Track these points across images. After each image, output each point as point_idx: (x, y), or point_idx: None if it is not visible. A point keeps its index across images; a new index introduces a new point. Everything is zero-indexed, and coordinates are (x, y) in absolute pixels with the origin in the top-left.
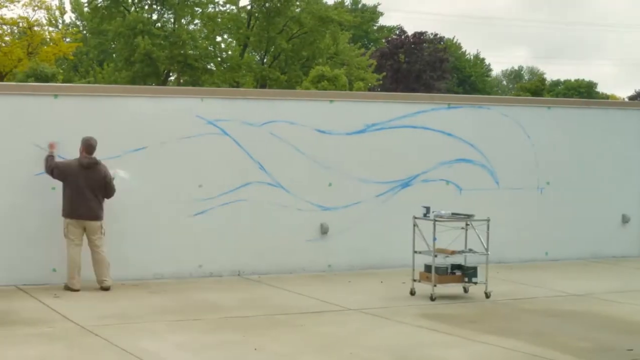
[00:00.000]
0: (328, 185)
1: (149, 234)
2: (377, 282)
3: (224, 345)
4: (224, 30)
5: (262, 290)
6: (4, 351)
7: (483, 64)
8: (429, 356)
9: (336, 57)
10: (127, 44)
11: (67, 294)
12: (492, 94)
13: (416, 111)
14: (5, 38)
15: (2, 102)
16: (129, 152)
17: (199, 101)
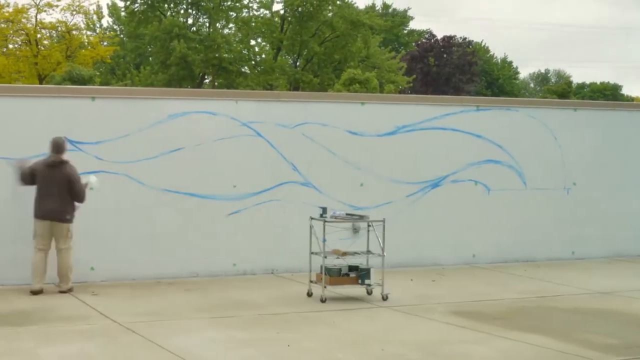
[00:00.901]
0: (360, 186)
1: (184, 234)
2: (408, 280)
3: (257, 341)
4: (258, 34)
5: (294, 287)
6: (43, 348)
7: (511, 67)
8: (458, 352)
9: (367, 61)
10: (163, 47)
11: (104, 292)
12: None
13: (445, 113)
14: (45, 42)
15: (41, 104)
16: (166, 154)
17: (234, 103)
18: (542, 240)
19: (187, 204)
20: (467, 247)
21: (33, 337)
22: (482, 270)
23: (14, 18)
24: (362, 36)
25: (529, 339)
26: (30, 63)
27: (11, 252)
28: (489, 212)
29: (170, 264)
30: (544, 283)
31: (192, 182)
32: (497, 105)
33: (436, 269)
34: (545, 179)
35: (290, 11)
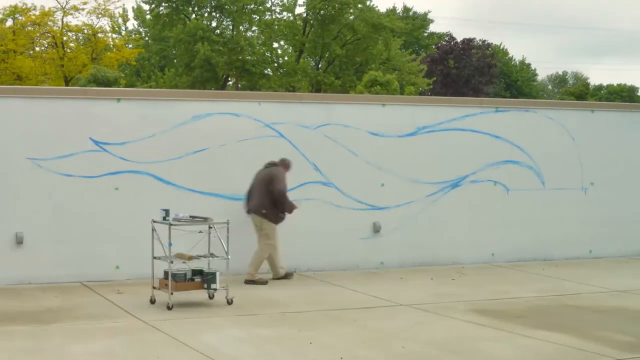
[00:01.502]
0: (381, 186)
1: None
2: (428, 279)
3: (281, 339)
4: (281, 37)
5: (317, 286)
6: (71, 345)
7: (529, 69)
8: (477, 350)
9: (388, 63)
10: (187, 50)
11: (129, 290)
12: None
13: (465, 114)
14: (71, 44)
15: (67, 106)
16: (190, 154)
17: (257, 105)
18: (560, 240)
19: (210, 204)
20: (486, 246)
21: (61, 334)
22: (501, 269)
23: (41, 21)
24: (383, 39)
25: (547, 337)
26: (56, 65)
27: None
28: (508, 212)
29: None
30: (562, 282)
31: (216, 182)
32: (515, 106)
33: (456, 268)
34: (563, 179)
35: (312, 14)
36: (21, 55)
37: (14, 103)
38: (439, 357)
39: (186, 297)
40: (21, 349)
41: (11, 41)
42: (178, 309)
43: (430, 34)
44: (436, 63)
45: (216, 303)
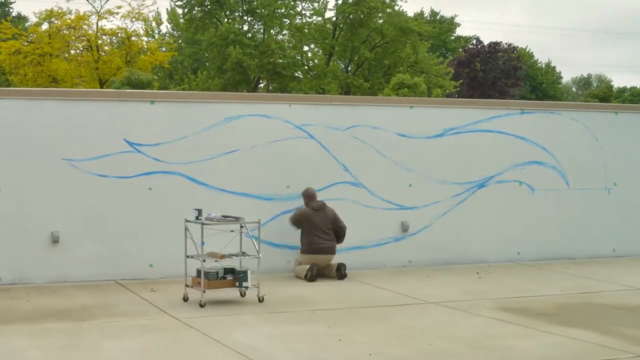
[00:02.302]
0: (408, 186)
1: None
2: (454, 277)
3: (310, 336)
4: (311, 40)
5: (346, 284)
6: (105, 342)
7: (554, 72)
8: (503, 346)
9: (416, 66)
10: (219, 53)
11: (163, 289)
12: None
13: (491, 116)
14: (105, 48)
15: (102, 108)
16: (222, 155)
17: (287, 107)
18: (584, 238)
19: (242, 204)
20: (511, 245)
21: (94, 331)
22: (526, 268)
23: (76, 25)
24: (411, 42)
25: (572, 334)
26: (91, 68)
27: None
28: (533, 211)
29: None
30: (586, 280)
31: (247, 182)
32: (540, 108)
33: (482, 266)
34: (587, 180)
35: (341, 18)
36: (57, 58)
37: (50, 105)
38: (465, 354)
39: (218, 295)
40: (56, 345)
41: (47, 44)
42: (210, 306)
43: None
44: (463, 66)
45: (247, 301)
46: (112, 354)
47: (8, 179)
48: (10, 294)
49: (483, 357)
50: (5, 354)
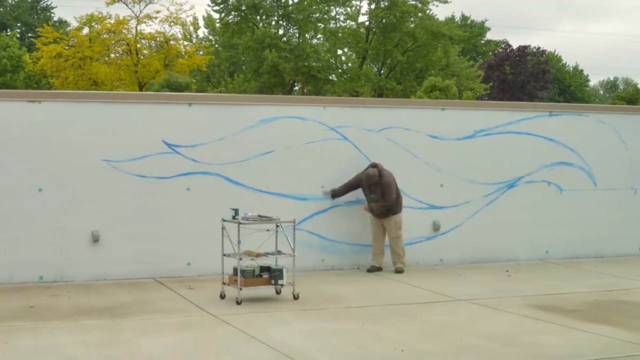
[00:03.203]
0: (440, 186)
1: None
2: (485, 275)
3: (344, 332)
4: (345, 44)
5: (379, 282)
6: (142, 338)
7: (582, 75)
8: (532, 342)
9: (447, 69)
10: (255, 56)
11: (200, 286)
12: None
13: (520, 118)
14: (144, 51)
15: (141, 110)
16: (258, 156)
17: (322, 109)
18: (611, 237)
19: (277, 204)
20: (540, 243)
21: (133, 328)
22: (554, 266)
23: (116, 29)
24: (442, 46)
25: (599, 330)
26: (130, 71)
27: (116, 249)
28: (562, 211)
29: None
30: (613, 278)
31: (282, 183)
32: (568, 110)
33: (511, 265)
34: (614, 180)
35: (374, 23)
36: (97, 61)
37: (90, 107)
38: (496, 350)
39: (254, 292)
40: (96, 341)
41: (88, 48)
42: (247, 303)
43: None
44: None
45: (283, 298)
46: (149, 349)
47: (50, 180)
48: (51, 292)
49: (512, 353)
50: (48, 350)
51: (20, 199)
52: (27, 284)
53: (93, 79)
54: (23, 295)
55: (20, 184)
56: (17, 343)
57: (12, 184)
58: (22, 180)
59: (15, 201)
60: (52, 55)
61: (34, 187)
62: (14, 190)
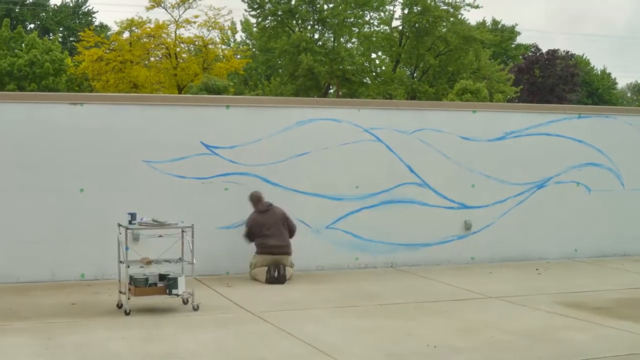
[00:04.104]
0: (471, 186)
1: (311, 230)
2: (515, 273)
3: (378, 329)
4: (378, 48)
5: (412, 280)
6: (181, 334)
7: (609, 78)
8: (561, 339)
9: (478, 72)
10: (291, 60)
11: (238, 284)
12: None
13: (550, 120)
14: (183, 55)
15: (180, 112)
16: (295, 157)
17: (356, 111)
18: (637, 236)
19: (312, 204)
20: (569, 242)
21: (172, 325)
22: (583, 264)
23: (156, 33)
24: (474, 50)
25: (627, 327)
26: (170, 74)
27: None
28: (590, 211)
29: (299, 258)
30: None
31: (318, 183)
32: (597, 113)
33: (541, 263)
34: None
35: (408, 27)
36: (137, 65)
37: (131, 109)
38: (525, 346)
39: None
40: (136, 337)
41: (128, 52)
42: (282, 301)
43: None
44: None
45: (319, 296)
46: (189, 345)
47: (91, 180)
48: (93, 289)
49: (542, 349)
50: (90, 345)
51: (62, 199)
52: (69, 282)
53: (133, 82)
54: (65, 293)
55: (62, 185)
56: (59, 339)
57: (55, 184)
58: (64, 181)
59: (58, 201)
60: (93, 59)
61: (75, 187)
62: (56, 191)
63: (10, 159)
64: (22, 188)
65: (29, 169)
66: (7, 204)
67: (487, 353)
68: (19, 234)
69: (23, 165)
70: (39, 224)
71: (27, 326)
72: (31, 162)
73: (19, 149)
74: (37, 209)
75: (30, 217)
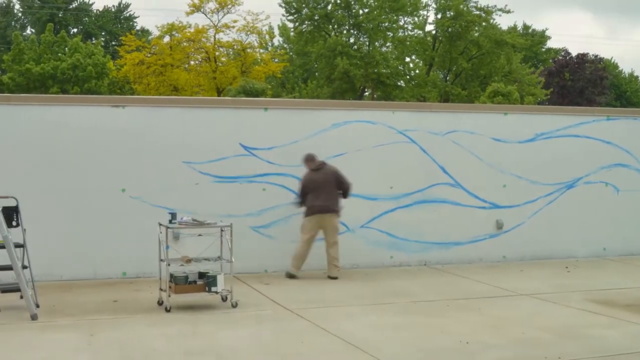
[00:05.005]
0: (502, 187)
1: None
2: (545, 271)
3: (411, 325)
4: (412, 52)
5: (445, 277)
6: (221, 331)
7: (637, 81)
8: (590, 335)
9: (510, 75)
10: (328, 64)
11: (276, 282)
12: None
13: (579, 122)
14: (222, 59)
15: (219, 115)
16: (330, 158)
17: (391, 113)
18: None
19: (348, 204)
20: (598, 241)
21: (211, 321)
22: (611, 262)
23: (195, 38)
24: (505, 54)
25: None
26: (209, 78)
27: (199, 246)
28: (618, 210)
29: None
30: None
31: (353, 183)
32: (625, 115)
33: (570, 261)
34: None
35: (441, 31)
36: (177, 68)
37: (171, 112)
38: (556, 342)
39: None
40: (177, 333)
41: (169, 56)
42: (318, 298)
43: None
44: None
45: (354, 293)
46: (228, 341)
47: (133, 180)
48: (134, 287)
49: (572, 345)
50: (131, 341)
51: (105, 198)
52: (111, 280)
53: (173, 85)
54: (107, 290)
55: (104, 185)
56: (102, 335)
57: (97, 184)
58: (107, 181)
59: (100, 201)
60: (134, 63)
61: (117, 187)
62: (99, 191)
63: (53, 160)
64: (66, 188)
65: (72, 170)
66: (51, 204)
67: (517, 349)
68: (63, 233)
69: (66, 165)
70: (82, 224)
71: (70, 322)
72: (74, 163)
73: (63, 150)
74: (80, 209)
75: (74, 217)
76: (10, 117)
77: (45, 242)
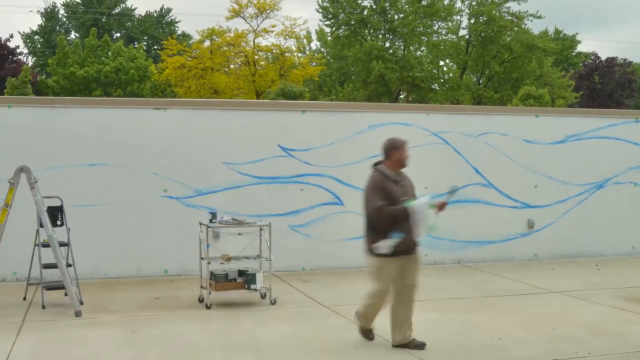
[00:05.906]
0: (534, 187)
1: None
2: (575, 269)
3: (446, 321)
4: (446, 56)
5: (478, 275)
6: (260, 328)
7: None
8: (620, 332)
9: (541, 79)
10: (364, 67)
11: (314, 279)
12: None
13: (609, 124)
14: (261, 62)
15: (259, 117)
16: (366, 159)
17: (425, 116)
18: None
19: None
20: (627, 240)
21: (251, 318)
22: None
23: (235, 42)
24: (537, 58)
25: None
26: (248, 81)
27: (238, 245)
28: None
29: None
30: None
31: None
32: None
33: (600, 259)
34: None
35: (474, 36)
36: (217, 72)
37: (212, 114)
38: (586, 338)
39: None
40: (217, 330)
41: (209, 59)
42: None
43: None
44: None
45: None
46: (267, 338)
47: (174, 181)
48: (175, 285)
49: (602, 341)
50: (172, 337)
51: (148, 198)
52: (153, 277)
53: (214, 88)
54: (149, 288)
55: (147, 185)
56: (144, 331)
57: (140, 184)
58: (149, 181)
59: (143, 201)
60: (176, 66)
61: (160, 187)
62: (142, 191)
63: (98, 161)
64: (109, 188)
65: (116, 170)
66: (95, 204)
67: (549, 345)
68: (107, 232)
69: (110, 166)
70: (125, 223)
71: (114, 319)
72: (118, 164)
73: (106, 151)
74: (123, 209)
75: (117, 216)
76: (55, 119)
77: (90, 242)
